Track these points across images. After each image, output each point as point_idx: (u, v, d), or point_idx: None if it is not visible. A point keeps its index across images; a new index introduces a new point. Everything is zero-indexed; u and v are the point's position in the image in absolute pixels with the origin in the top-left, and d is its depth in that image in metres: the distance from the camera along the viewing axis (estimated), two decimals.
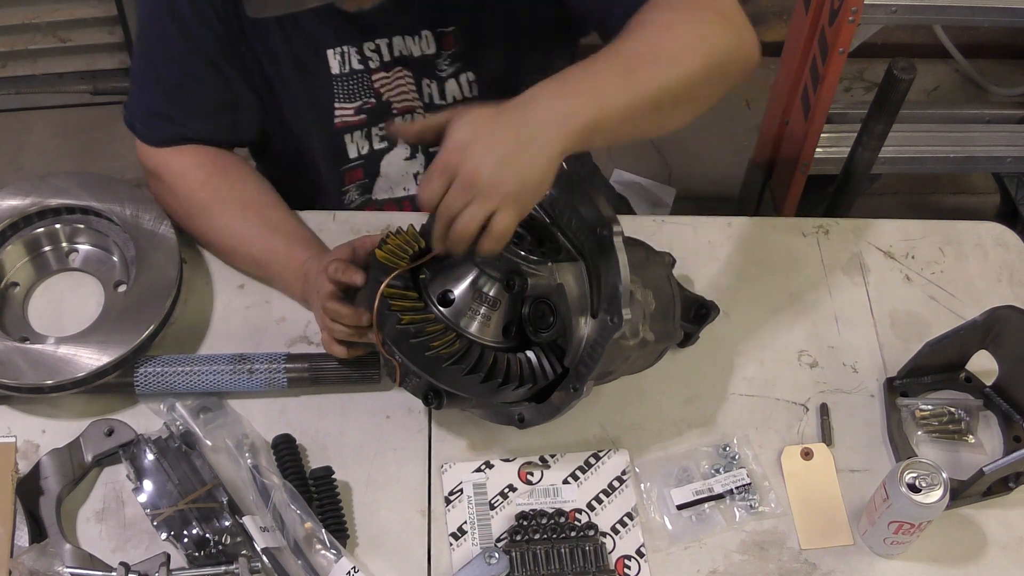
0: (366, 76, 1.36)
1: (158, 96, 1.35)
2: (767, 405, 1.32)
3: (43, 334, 1.30)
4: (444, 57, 1.36)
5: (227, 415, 1.24)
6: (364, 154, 1.44)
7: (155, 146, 1.36)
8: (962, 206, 2.78)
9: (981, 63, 2.95)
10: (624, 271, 1.08)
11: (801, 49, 2.12)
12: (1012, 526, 1.23)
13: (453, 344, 1.12)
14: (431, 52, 1.35)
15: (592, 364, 1.11)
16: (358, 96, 1.38)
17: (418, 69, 1.37)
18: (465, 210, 0.99)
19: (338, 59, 1.34)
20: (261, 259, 1.34)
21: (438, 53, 1.36)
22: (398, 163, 1.47)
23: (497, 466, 1.24)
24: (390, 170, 1.47)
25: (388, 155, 1.46)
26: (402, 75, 1.38)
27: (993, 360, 1.30)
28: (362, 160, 1.45)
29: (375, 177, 1.48)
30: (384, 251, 1.17)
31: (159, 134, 1.36)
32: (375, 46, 1.34)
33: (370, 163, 1.46)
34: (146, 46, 1.33)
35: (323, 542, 1.14)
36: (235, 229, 1.34)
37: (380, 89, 1.38)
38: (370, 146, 1.44)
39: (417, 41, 1.34)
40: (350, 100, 1.38)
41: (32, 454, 1.21)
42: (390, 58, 1.35)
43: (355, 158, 1.45)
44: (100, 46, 2.69)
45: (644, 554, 1.19)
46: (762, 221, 1.50)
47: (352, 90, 1.37)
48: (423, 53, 1.35)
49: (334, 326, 1.19)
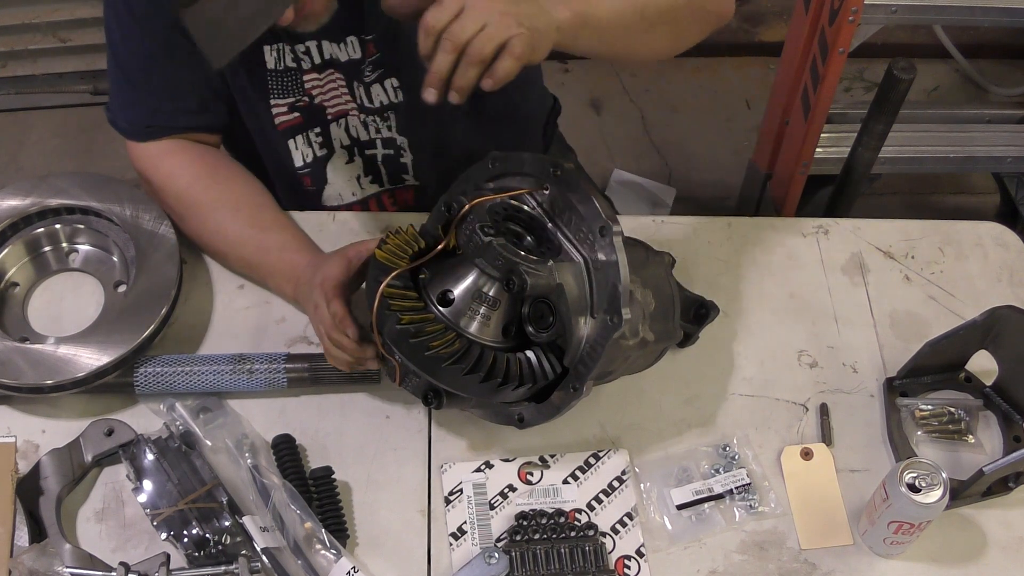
0: (298, 75, 1.36)
1: (128, 87, 1.35)
2: (767, 405, 1.32)
3: (43, 334, 1.30)
4: (367, 63, 1.36)
5: (227, 415, 1.24)
6: (308, 161, 1.44)
7: (139, 140, 1.36)
8: (962, 206, 2.78)
9: (981, 63, 2.95)
10: (624, 271, 1.08)
11: (801, 49, 2.12)
12: (1012, 526, 1.23)
13: (453, 344, 1.12)
14: (357, 57, 1.36)
15: (592, 364, 1.11)
16: (291, 92, 1.37)
17: (347, 72, 1.37)
18: (482, 31, 1.00)
19: (274, 55, 1.34)
20: (252, 260, 1.34)
21: (362, 59, 1.36)
22: (340, 167, 1.46)
23: (497, 466, 1.24)
24: (335, 176, 1.47)
25: (330, 162, 1.46)
26: (334, 77, 1.38)
27: (993, 360, 1.30)
28: (308, 168, 1.45)
29: (323, 184, 1.48)
30: (384, 251, 1.17)
31: (137, 125, 1.36)
32: (306, 48, 1.34)
33: (316, 170, 1.46)
34: (110, 39, 1.34)
35: (323, 542, 1.14)
36: (226, 231, 1.34)
37: (311, 90, 1.38)
38: (313, 153, 1.44)
39: (343, 47, 1.35)
40: (283, 96, 1.38)
41: (32, 454, 1.21)
42: (320, 60, 1.35)
43: (300, 166, 1.45)
44: (100, 46, 2.68)
45: (644, 554, 1.19)
46: (762, 221, 1.50)
47: (285, 86, 1.37)
48: (350, 58, 1.35)
49: (337, 353, 1.20)
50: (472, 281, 1.14)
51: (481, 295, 1.13)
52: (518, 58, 1.01)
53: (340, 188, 1.48)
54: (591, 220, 1.10)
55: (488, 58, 1.01)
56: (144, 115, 1.35)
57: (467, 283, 1.14)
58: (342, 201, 1.50)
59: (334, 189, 1.48)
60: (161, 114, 1.35)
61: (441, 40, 1.01)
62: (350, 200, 1.50)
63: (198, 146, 1.38)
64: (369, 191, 1.50)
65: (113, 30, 1.33)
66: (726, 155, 2.78)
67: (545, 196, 1.15)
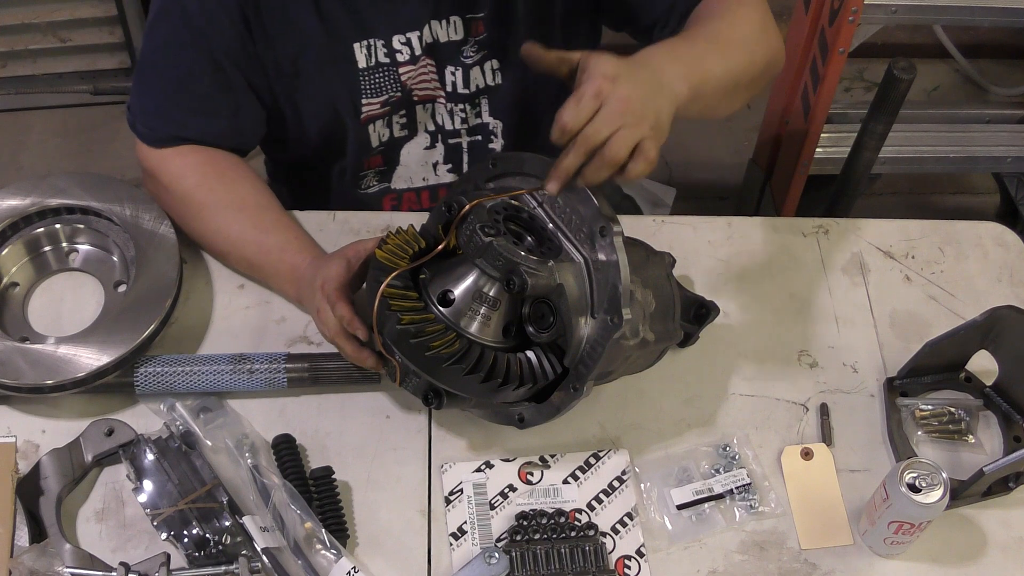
0: (392, 69, 1.36)
1: (160, 95, 1.34)
2: (767, 405, 1.32)
3: (43, 334, 1.30)
4: (471, 44, 1.36)
5: (227, 415, 1.24)
6: (384, 141, 1.44)
7: (155, 147, 1.36)
8: (962, 206, 2.78)
9: (981, 63, 2.95)
10: (624, 271, 1.08)
11: (801, 49, 2.12)
12: (1012, 526, 1.23)
13: (453, 344, 1.12)
14: (458, 38, 1.35)
15: (592, 364, 1.11)
16: (385, 90, 1.37)
17: (443, 56, 1.37)
18: (617, 134, 1.02)
19: (364, 53, 1.34)
20: (255, 261, 1.34)
21: (465, 39, 1.35)
22: (418, 152, 1.47)
23: (497, 466, 1.24)
24: (409, 159, 1.47)
25: (408, 144, 1.46)
26: (426, 64, 1.37)
27: (993, 360, 1.30)
28: (382, 147, 1.45)
29: (395, 165, 1.48)
30: (384, 251, 1.17)
31: (159, 134, 1.35)
32: (405, 39, 1.34)
33: (389, 150, 1.46)
34: (152, 44, 1.33)
35: (323, 542, 1.14)
36: (229, 232, 1.34)
37: (407, 82, 1.38)
38: (391, 134, 1.43)
39: (445, 27, 1.34)
40: (376, 95, 1.37)
41: (32, 454, 1.21)
42: (420, 50, 1.35)
43: (376, 146, 1.45)
44: (100, 46, 2.69)
45: (644, 554, 1.19)
46: (762, 221, 1.50)
47: (379, 84, 1.36)
48: (449, 39, 1.35)
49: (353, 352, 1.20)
50: (472, 281, 1.14)
51: (481, 295, 1.13)
52: (650, 163, 1.04)
53: (412, 171, 1.49)
54: (591, 220, 1.10)
55: (623, 160, 1.04)
56: (169, 126, 1.35)
57: (467, 283, 1.14)
58: (411, 185, 1.50)
59: (406, 171, 1.49)
60: (187, 129, 1.35)
61: (576, 141, 1.03)
62: (419, 185, 1.50)
63: (206, 148, 1.37)
64: (444, 179, 1.50)
65: (158, 32, 1.31)
66: (726, 155, 2.78)
67: (545, 196, 1.15)
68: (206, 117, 1.35)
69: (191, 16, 1.27)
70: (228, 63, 1.31)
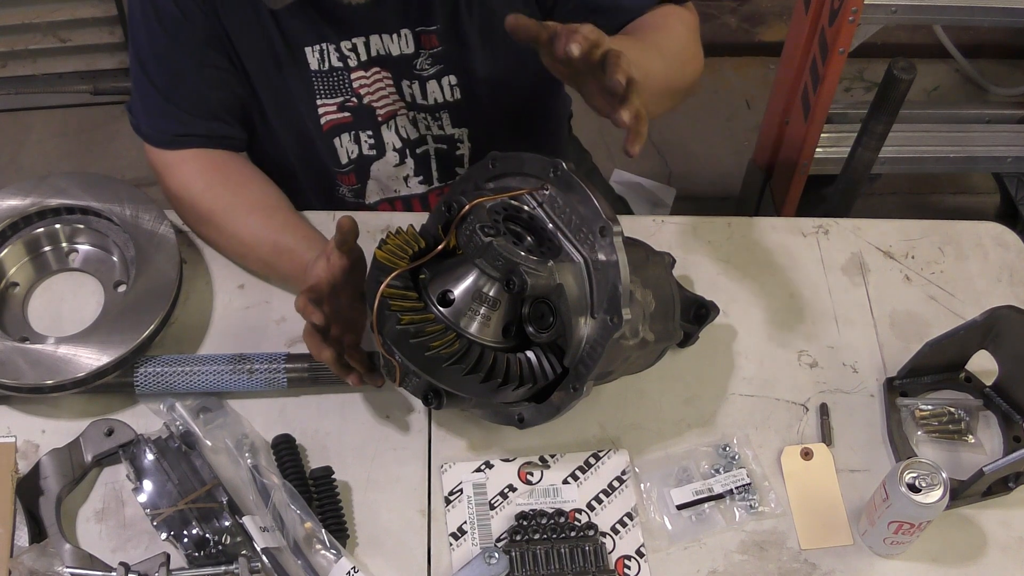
0: (345, 74, 1.37)
1: (155, 97, 1.35)
2: (767, 405, 1.32)
3: (43, 334, 1.30)
4: (425, 57, 1.36)
5: (227, 415, 1.24)
6: (354, 159, 1.45)
7: (163, 147, 1.37)
8: (962, 206, 2.78)
9: (981, 63, 2.95)
10: (624, 271, 1.08)
11: (801, 49, 2.12)
12: (1012, 526, 1.23)
13: (453, 344, 1.12)
14: (409, 52, 1.36)
15: (592, 364, 1.11)
16: (338, 92, 1.38)
17: (396, 69, 1.38)
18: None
19: (317, 56, 1.35)
20: (270, 261, 1.34)
21: (417, 52, 1.36)
22: (387, 169, 1.47)
23: (497, 466, 1.24)
24: (380, 174, 1.48)
25: (377, 162, 1.47)
26: (380, 75, 1.38)
27: (993, 360, 1.30)
28: (352, 165, 1.46)
29: (366, 181, 1.49)
30: (384, 251, 1.16)
31: (164, 134, 1.36)
32: (352, 44, 1.34)
33: (360, 168, 1.47)
34: (136, 47, 1.34)
35: (323, 542, 1.14)
36: (242, 235, 1.34)
37: (359, 89, 1.38)
38: (359, 151, 1.44)
39: (396, 40, 1.35)
40: (331, 96, 1.38)
41: (32, 454, 1.21)
42: (367, 57, 1.36)
43: (346, 163, 1.45)
44: (100, 46, 2.69)
45: (644, 554, 1.19)
46: (762, 221, 1.50)
47: (332, 86, 1.37)
48: (402, 52, 1.36)
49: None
50: (472, 281, 1.14)
51: (481, 295, 1.13)
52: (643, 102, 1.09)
53: (383, 185, 1.50)
54: (591, 220, 1.10)
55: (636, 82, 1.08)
56: (172, 125, 1.36)
57: (467, 283, 1.14)
58: (384, 196, 1.51)
59: (378, 184, 1.49)
60: (189, 125, 1.36)
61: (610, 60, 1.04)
62: (391, 196, 1.51)
63: (211, 152, 1.38)
64: (415, 191, 1.51)
65: (139, 35, 1.32)
66: (726, 155, 2.78)
67: (545, 196, 1.14)
68: (205, 114, 1.36)
69: (164, 13, 1.28)
70: (212, 55, 1.32)
